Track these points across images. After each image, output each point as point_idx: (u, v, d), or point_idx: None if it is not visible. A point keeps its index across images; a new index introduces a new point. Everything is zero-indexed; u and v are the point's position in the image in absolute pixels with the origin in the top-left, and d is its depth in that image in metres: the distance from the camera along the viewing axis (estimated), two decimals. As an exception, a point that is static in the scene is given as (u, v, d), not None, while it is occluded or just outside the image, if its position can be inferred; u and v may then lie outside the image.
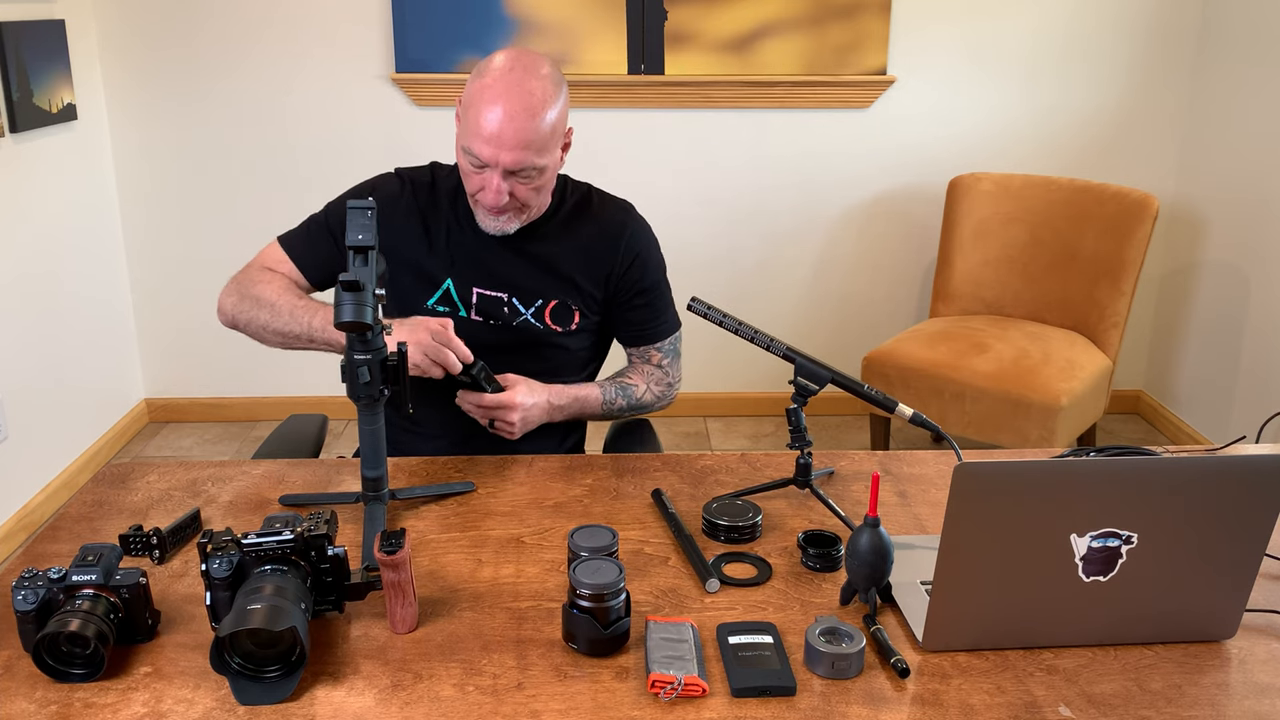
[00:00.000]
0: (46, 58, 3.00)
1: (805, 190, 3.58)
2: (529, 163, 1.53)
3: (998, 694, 1.08)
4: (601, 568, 1.14)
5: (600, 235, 1.71)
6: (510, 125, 1.50)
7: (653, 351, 1.78)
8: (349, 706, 1.05)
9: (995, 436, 2.90)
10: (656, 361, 1.79)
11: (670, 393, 1.80)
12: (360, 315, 1.26)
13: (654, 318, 1.77)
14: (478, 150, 1.52)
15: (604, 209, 1.74)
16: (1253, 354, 3.20)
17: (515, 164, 1.52)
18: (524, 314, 1.69)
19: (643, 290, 1.75)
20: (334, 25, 3.36)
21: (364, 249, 1.30)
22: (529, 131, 1.51)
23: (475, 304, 1.69)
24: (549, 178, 1.60)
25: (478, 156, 1.53)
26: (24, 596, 1.09)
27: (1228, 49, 3.31)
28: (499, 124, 1.50)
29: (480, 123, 1.51)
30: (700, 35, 3.37)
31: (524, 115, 1.50)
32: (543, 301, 1.70)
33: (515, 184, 1.56)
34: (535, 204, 1.62)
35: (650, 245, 1.77)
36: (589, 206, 1.73)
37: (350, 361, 1.31)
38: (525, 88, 1.51)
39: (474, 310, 1.69)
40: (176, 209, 3.53)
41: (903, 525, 1.42)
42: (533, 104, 1.51)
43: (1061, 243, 3.23)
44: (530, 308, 1.69)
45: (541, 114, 1.52)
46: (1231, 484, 1.09)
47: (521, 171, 1.54)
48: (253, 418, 3.74)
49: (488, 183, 1.55)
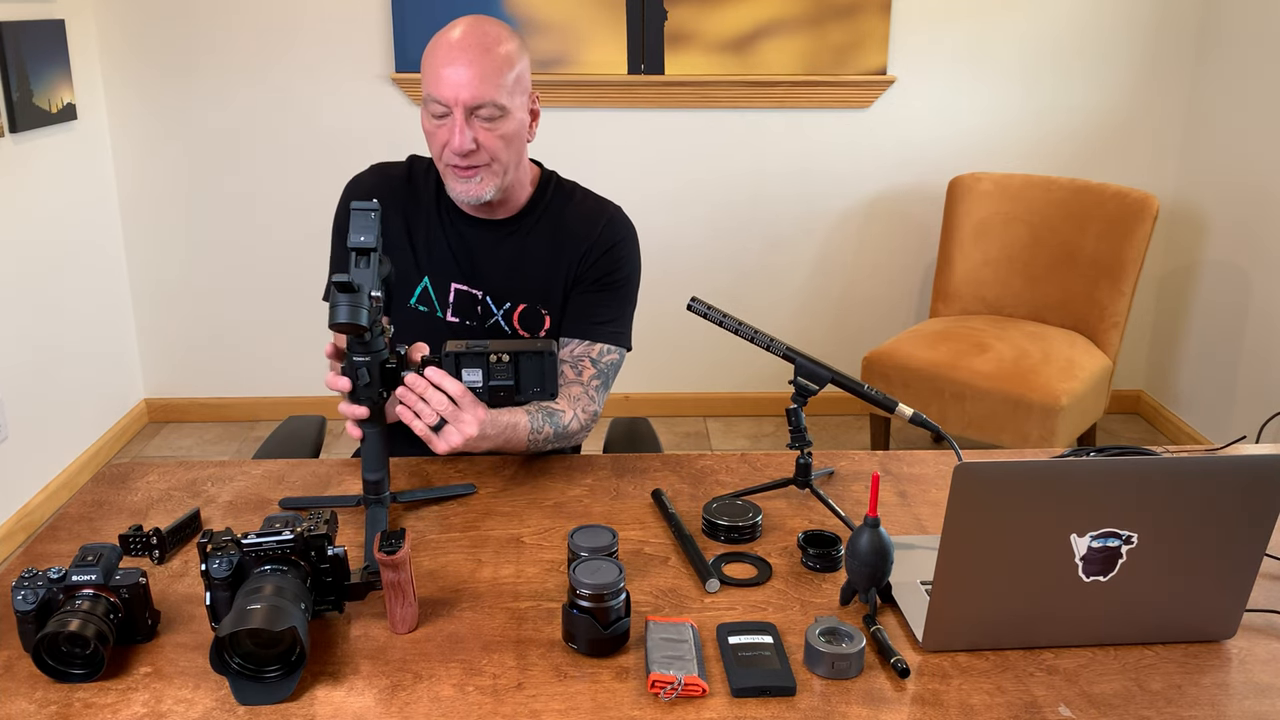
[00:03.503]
0: (46, 58, 3.00)
1: (805, 190, 3.58)
2: (489, 98, 1.50)
3: (998, 694, 1.08)
4: (601, 568, 1.14)
5: (580, 223, 1.68)
6: (465, 57, 1.49)
7: (586, 364, 1.66)
8: (349, 706, 1.05)
9: (995, 436, 2.90)
10: (587, 379, 1.66)
11: (593, 422, 1.67)
12: (355, 317, 1.25)
13: (608, 316, 1.69)
14: (437, 92, 1.50)
15: (586, 201, 1.72)
16: (1253, 354, 3.20)
17: (475, 99, 1.50)
18: (495, 315, 1.68)
19: (607, 283, 1.68)
20: (334, 25, 3.36)
21: (366, 250, 1.30)
22: (486, 64, 1.50)
23: (452, 303, 1.68)
24: (515, 131, 1.56)
25: (438, 99, 1.51)
26: (24, 596, 1.09)
27: (1228, 49, 3.31)
28: (455, 61, 1.49)
29: (438, 67, 1.51)
30: (700, 35, 3.37)
31: (479, 49, 1.50)
32: (511, 305, 1.67)
33: (480, 129, 1.52)
34: (504, 160, 1.57)
35: (629, 243, 1.72)
36: (572, 199, 1.71)
37: (349, 364, 1.31)
38: (480, 29, 1.52)
39: (450, 310, 1.68)
40: (176, 209, 3.53)
41: (903, 525, 1.42)
42: (487, 41, 1.51)
43: (1061, 243, 3.23)
44: (500, 308, 1.68)
45: (496, 48, 1.51)
46: (1231, 484, 1.09)
47: (482, 109, 1.51)
48: (253, 418, 3.74)
49: (451, 128, 1.52)
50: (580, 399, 1.64)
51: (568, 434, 1.61)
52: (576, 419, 1.62)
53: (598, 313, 1.68)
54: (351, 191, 1.71)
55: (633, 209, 1.80)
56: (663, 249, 3.59)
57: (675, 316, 3.49)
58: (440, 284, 1.68)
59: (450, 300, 1.68)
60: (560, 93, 3.42)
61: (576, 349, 1.67)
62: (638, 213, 1.80)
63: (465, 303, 1.68)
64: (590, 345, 1.67)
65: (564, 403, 1.62)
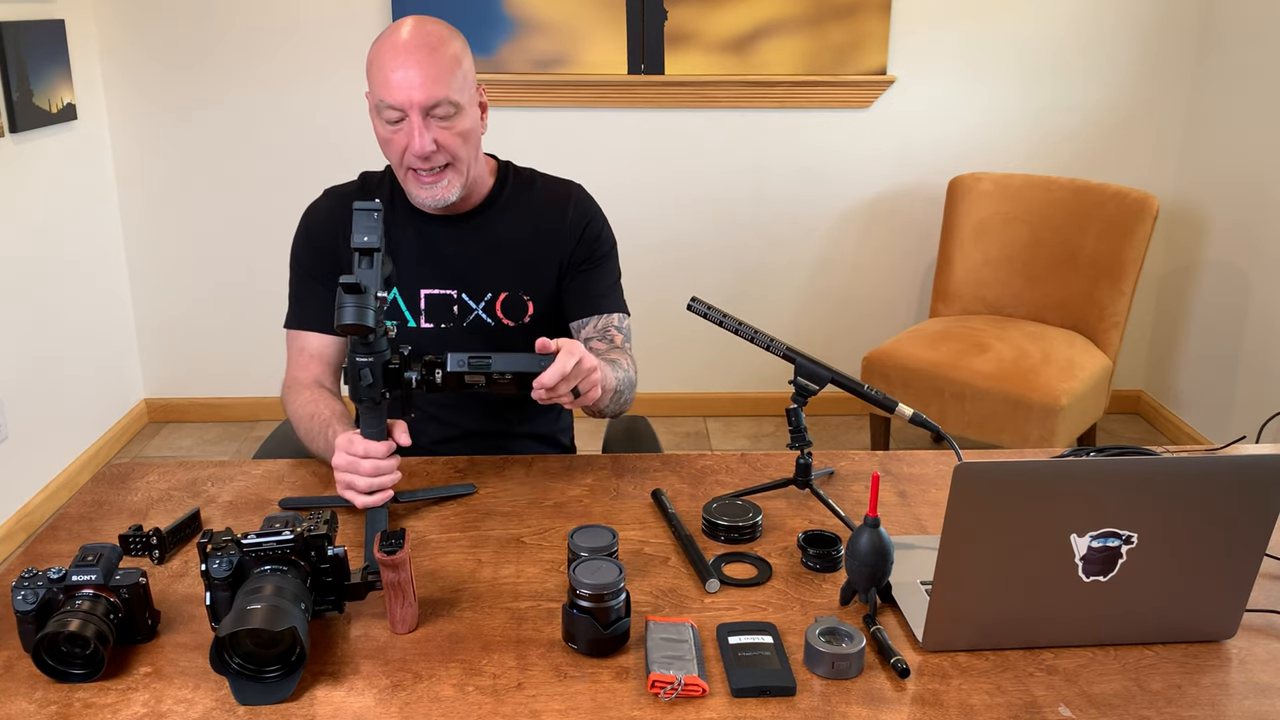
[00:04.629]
0: (46, 58, 3.00)
1: (805, 190, 3.58)
2: (443, 96, 1.50)
3: (998, 694, 1.08)
4: (601, 568, 1.14)
5: (546, 204, 1.69)
6: (413, 58, 1.49)
7: (613, 330, 1.68)
8: (349, 706, 1.05)
9: (995, 436, 2.90)
10: (621, 342, 1.67)
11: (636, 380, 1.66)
12: (361, 318, 1.25)
13: (607, 288, 1.70)
14: (390, 97, 1.49)
15: (548, 184, 1.73)
16: (1253, 354, 3.20)
17: (429, 99, 1.49)
18: (475, 309, 1.67)
19: (595, 259, 1.70)
20: (334, 25, 3.36)
21: (369, 250, 1.30)
22: (435, 64, 1.49)
23: (424, 309, 1.66)
24: (471, 127, 1.56)
25: (392, 104, 1.50)
26: (24, 596, 1.09)
27: (1228, 49, 3.31)
28: (404, 64, 1.49)
29: (387, 73, 1.50)
30: (700, 35, 3.37)
31: (425, 49, 1.50)
32: (493, 295, 1.67)
33: (437, 130, 1.52)
34: (464, 157, 1.56)
35: (598, 216, 1.72)
36: (533, 183, 1.72)
37: (352, 364, 1.31)
38: (422, 30, 1.52)
39: (423, 317, 1.67)
40: (176, 209, 3.53)
41: (903, 525, 1.42)
42: (431, 40, 1.51)
43: (1061, 243, 3.23)
44: (480, 302, 1.67)
45: (442, 48, 1.51)
46: (1231, 484, 1.09)
47: (437, 109, 1.51)
48: (253, 418, 3.74)
49: (409, 131, 1.51)
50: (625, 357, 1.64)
51: (630, 383, 1.61)
52: (632, 366, 1.63)
53: (598, 288, 1.70)
54: (309, 219, 1.69)
55: (632, 208, 1.81)
56: (663, 249, 3.59)
57: (675, 316, 3.49)
58: (409, 292, 1.66)
59: (421, 307, 1.67)
60: (560, 93, 3.42)
61: (599, 323, 1.68)
62: (637, 212, 1.81)
63: (438, 306, 1.67)
64: (608, 317, 1.69)
65: (617, 354, 1.62)
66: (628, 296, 1.75)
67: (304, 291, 1.68)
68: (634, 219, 3.45)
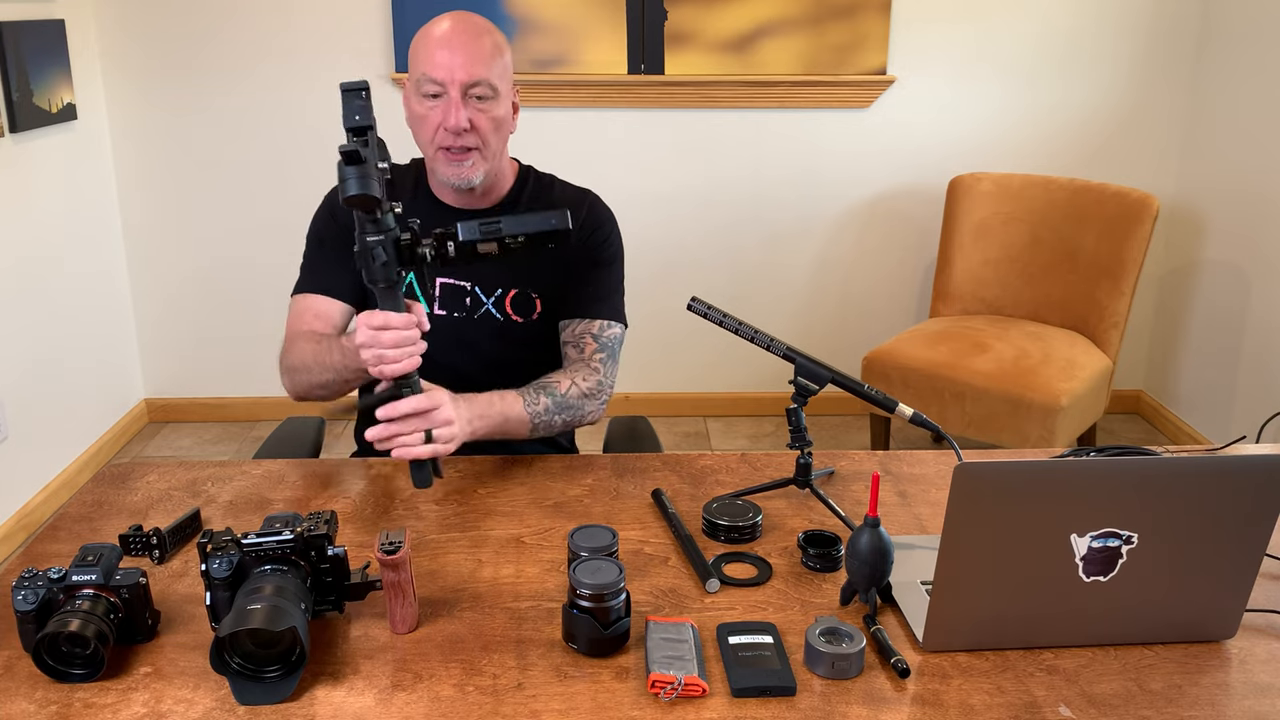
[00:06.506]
0: (46, 58, 3.00)
1: (805, 190, 3.58)
2: (483, 76, 1.56)
3: (998, 694, 1.08)
4: (601, 568, 1.14)
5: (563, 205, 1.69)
6: (459, 39, 1.56)
7: (588, 338, 1.68)
8: (349, 706, 1.05)
9: (995, 436, 2.90)
10: (589, 353, 1.67)
11: (602, 392, 1.65)
12: (366, 188, 1.24)
13: (603, 293, 1.71)
14: (433, 72, 1.55)
15: (566, 190, 1.76)
16: (1253, 354, 3.20)
17: (470, 77, 1.55)
18: (485, 303, 1.70)
19: (597, 260, 1.71)
20: (334, 25, 3.36)
21: (362, 129, 1.29)
22: (478, 47, 1.56)
23: (439, 297, 1.70)
24: (504, 116, 1.61)
25: (434, 78, 1.55)
26: (24, 596, 1.09)
27: (1228, 49, 3.31)
28: (449, 44, 1.55)
29: (432, 50, 1.56)
30: (700, 35, 3.37)
31: (470, 34, 1.57)
32: (503, 290, 1.70)
33: (473, 110, 1.57)
34: (493, 144, 1.61)
35: (609, 222, 1.75)
36: (552, 188, 1.76)
37: (363, 245, 1.30)
38: (470, 20, 1.60)
39: (437, 304, 1.70)
40: (176, 209, 3.52)
41: (903, 525, 1.42)
42: (478, 29, 1.59)
43: (1061, 243, 3.23)
44: (491, 297, 1.70)
45: (486, 37, 1.59)
46: (1231, 484, 1.09)
47: (476, 88, 1.56)
48: (253, 418, 3.74)
49: (446, 107, 1.56)
50: (580, 370, 1.66)
51: (569, 403, 1.61)
52: (575, 387, 1.63)
53: (593, 290, 1.71)
54: (332, 200, 1.73)
55: (632, 209, 1.81)
56: (662, 249, 3.59)
57: (675, 316, 3.49)
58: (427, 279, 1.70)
59: (436, 293, 1.70)
60: (560, 93, 3.42)
61: (578, 327, 1.70)
62: (637, 213, 1.81)
63: (452, 295, 1.70)
64: (590, 322, 1.70)
65: (560, 375, 1.64)
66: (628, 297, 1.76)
67: (319, 260, 1.72)
68: (634, 219, 3.44)
